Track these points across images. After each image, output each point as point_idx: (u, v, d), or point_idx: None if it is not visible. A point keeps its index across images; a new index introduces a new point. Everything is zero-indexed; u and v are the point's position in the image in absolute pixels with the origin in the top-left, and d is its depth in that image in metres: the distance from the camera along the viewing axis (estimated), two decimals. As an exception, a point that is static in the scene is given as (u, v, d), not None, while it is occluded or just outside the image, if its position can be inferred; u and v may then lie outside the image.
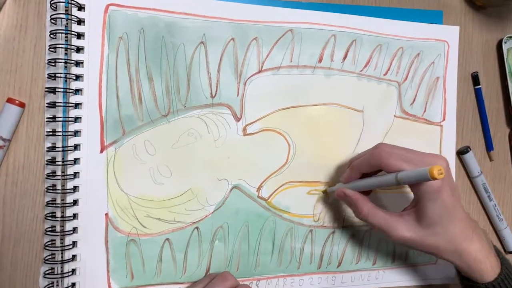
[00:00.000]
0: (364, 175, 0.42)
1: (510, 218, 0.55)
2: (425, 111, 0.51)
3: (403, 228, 0.40)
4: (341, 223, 0.48)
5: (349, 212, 0.48)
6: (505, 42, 0.53)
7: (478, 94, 0.53)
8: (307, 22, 0.46)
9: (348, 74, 0.47)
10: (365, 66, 0.48)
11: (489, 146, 0.54)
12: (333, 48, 0.47)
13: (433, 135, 0.52)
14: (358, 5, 0.49)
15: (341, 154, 0.47)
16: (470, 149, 0.52)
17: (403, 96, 0.50)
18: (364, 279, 0.49)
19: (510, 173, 0.55)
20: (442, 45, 0.52)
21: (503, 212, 0.54)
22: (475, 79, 0.53)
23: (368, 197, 0.42)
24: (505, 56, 0.53)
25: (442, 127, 0.52)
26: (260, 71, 0.45)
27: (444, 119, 0.52)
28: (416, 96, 0.51)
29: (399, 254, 0.50)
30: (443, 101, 0.52)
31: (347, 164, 0.45)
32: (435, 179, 0.33)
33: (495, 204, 0.53)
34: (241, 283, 0.43)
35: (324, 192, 0.47)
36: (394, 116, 0.49)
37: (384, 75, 0.49)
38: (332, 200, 0.47)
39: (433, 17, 0.52)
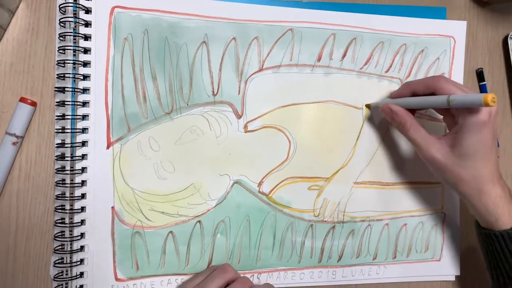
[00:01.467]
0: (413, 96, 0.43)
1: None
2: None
3: (437, 150, 0.40)
4: (341, 218, 0.48)
5: (349, 207, 0.48)
6: (511, 38, 0.53)
7: (483, 90, 0.53)
8: (307, 21, 0.47)
9: (347, 72, 0.48)
10: (365, 64, 0.49)
11: (494, 143, 0.53)
12: (332, 47, 0.47)
13: (437, 132, 0.52)
14: (359, 3, 0.49)
15: (340, 150, 0.48)
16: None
17: (406, 93, 0.50)
18: (365, 273, 0.49)
19: (516, 170, 0.55)
20: (448, 41, 0.51)
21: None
22: (480, 75, 0.53)
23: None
24: (510, 52, 0.53)
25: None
26: (260, 70, 0.46)
27: (448, 116, 0.52)
28: (419, 93, 0.51)
29: (401, 250, 0.50)
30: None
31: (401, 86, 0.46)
32: (488, 105, 0.34)
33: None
34: (242, 275, 0.44)
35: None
36: (396, 113, 0.50)
37: (386, 72, 0.50)
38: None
39: (436, 13, 0.52)
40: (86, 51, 0.42)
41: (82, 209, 0.42)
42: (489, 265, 0.43)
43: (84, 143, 0.42)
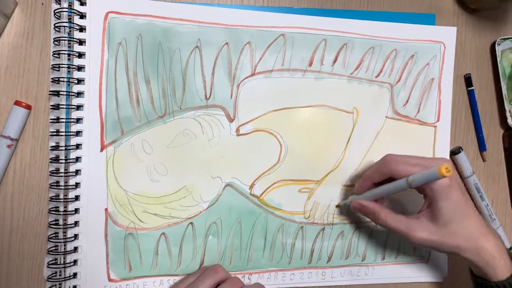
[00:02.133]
0: (375, 186, 0.44)
1: (502, 218, 0.56)
2: (418, 112, 0.52)
3: (422, 230, 0.41)
4: (331, 220, 0.49)
5: (338, 209, 0.49)
6: (499, 44, 0.54)
7: (471, 95, 0.54)
8: (299, 26, 0.48)
9: (338, 77, 0.49)
10: (355, 69, 0.49)
11: (482, 147, 0.55)
12: (323, 52, 0.48)
13: (427, 136, 0.53)
14: (350, 10, 0.50)
15: (331, 154, 0.49)
16: (462, 150, 0.53)
17: (396, 97, 0.51)
18: (354, 274, 0.50)
19: (503, 174, 0.56)
20: (438, 46, 0.52)
21: (495, 212, 0.55)
22: (468, 80, 0.54)
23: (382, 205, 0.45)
24: (498, 58, 0.54)
25: (436, 128, 0.53)
26: (253, 74, 0.47)
27: (438, 120, 0.53)
28: (409, 97, 0.52)
29: (389, 252, 0.51)
30: (437, 102, 0.53)
31: (358, 177, 0.47)
32: (444, 176, 0.35)
33: (487, 204, 0.54)
34: (233, 276, 0.45)
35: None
36: (386, 117, 0.51)
37: (376, 77, 0.50)
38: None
39: (426, 20, 0.53)
40: (81, 55, 0.42)
41: (76, 210, 0.42)
42: None
43: (78, 146, 0.42)
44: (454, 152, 0.53)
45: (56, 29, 0.42)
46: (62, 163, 0.42)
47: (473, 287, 0.45)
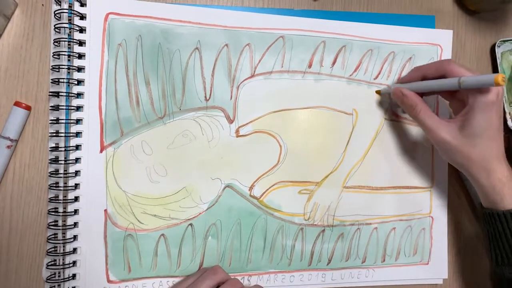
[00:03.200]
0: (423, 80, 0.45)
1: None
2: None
3: (446, 132, 0.42)
4: (331, 222, 0.49)
5: (338, 211, 0.49)
6: (499, 46, 0.54)
7: (470, 97, 0.54)
8: (298, 29, 0.48)
9: (337, 78, 0.49)
10: (354, 71, 0.50)
11: (482, 149, 0.54)
12: (322, 54, 0.48)
13: (426, 137, 0.53)
14: (349, 12, 0.50)
15: (330, 155, 0.49)
16: (462, 151, 0.53)
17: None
18: (354, 276, 0.50)
19: (503, 175, 0.56)
20: (435, 49, 0.53)
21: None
22: (468, 82, 0.54)
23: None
24: (498, 60, 0.54)
25: (435, 130, 0.53)
26: (252, 76, 0.47)
27: (437, 122, 0.53)
28: (409, 99, 0.52)
29: (389, 254, 0.51)
30: (435, 104, 0.53)
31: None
32: (498, 84, 0.36)
33: (487, 205, 0.54)
34: (232, 277, 0.45)
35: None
36: (384, 118, 0.51)
37: (375, 79, 0.51)
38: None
39: (425, 22, 0.53)
40: (81, 56, 0.42)
41: (75, 211, 0.42)
42: (490, 246, 0.44)
43: (77, 147, 0.42)
44: (454, 154, 0.53)
45: (56, 30, 0.42)
46: (61, 164, 0.42)
47: (482, 223, 0.45)
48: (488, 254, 0.45)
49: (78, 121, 0.42)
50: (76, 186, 0.42)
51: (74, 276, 0.42)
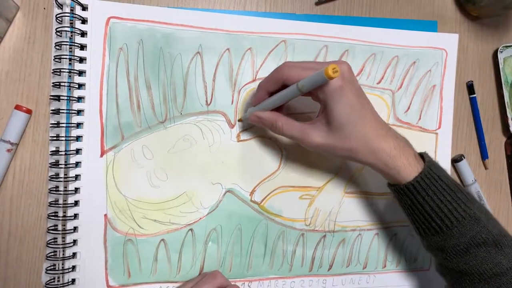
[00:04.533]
0: (271, 95, 0.42)
1: (505, 225, 0.55)
2: (420, 119, 0.52)
3: (316, 135, 0.40)
4: (332, 227, 0.49)
5: (340, 217, 0.49)
6: (501, 52, 0.54)
7: (473, 103, 0.54)
8: (300, 33, 0.48)
9: (339, 83, 0.49)
10: (357, 75, 0.49)
11: (484, 155, 0.54)
12: (324, 59, 0.48)
13: (428, 143, 0.53)
14: (351, 16, 0.50)
15: (331, 160, 0.49)
16: (464, 157, 0.53)
17: (397, 104, 0.51)
18: (355, 282, 0.50)
19: (505, 182, 0.55)
20: (440, 53, 0.52)
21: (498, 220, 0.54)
22: (470, 88, 0.54)
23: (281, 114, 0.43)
24: (500, 66, 0.54)
25: (437, 135, 0.53)
26: (254, 80, 0.47)
27: (439, 127, 0.53)
28: (410, 104, 0.52)
29: (390, 260, 0.51)
30: (439, 109, 0.53)
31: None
32: (331, 78, 0.33)
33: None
34: (232, 283, 0.44)
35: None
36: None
37: (378, 83, 0.50)
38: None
39: (428, 27, 0.53)
40: (82, 60, 0.42)
41: (75, 216, 0.42)
42: (409, 220, 0.43)
43: (78, 151, 0.42)
44: (455, 160, 0.53)
45: (58, 33, 0.42)
46: (61, 168, 0.42)
47: (394, 200, 0.44)
48: (413, 228, 0.44)
49: (78, 125, 0.42)
50: (76, 190, 0.42)
51: (73, 281, 0.42)
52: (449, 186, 0.39)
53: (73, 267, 0.42)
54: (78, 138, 0.42)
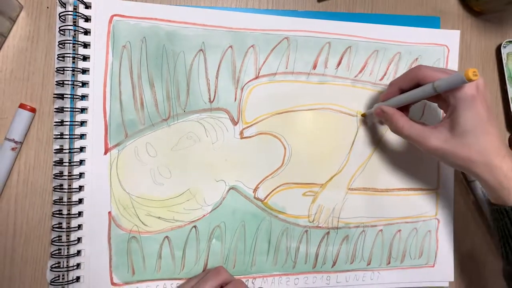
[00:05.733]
0: (401, 93, 0.43)
1: (509, 222, 0.55)
2: (423, 114, 0.52)
3: (436, 138, 0.40)
4: (336, 224, 0.49)
5: (343, 213, 0.49)
6: (504, 47, 0.54)
7: (476, 98, 0.54)
8: (303, 30, 0.47)
9: (342, 80, 0.49)
10: (360, 72, 0.49)
11: (488, 150, 0.54)
12: (327, 55, 0.48)
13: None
14: (354, 13, 0.50)
15: (335, 157, 0.49)
16: (468, 153, 0.52)
17: (400, 100, 0.51)
18: (359, 279, 0.50)
19: (510, 177, 0.55)
20: (442, 50, 0.52)
21: (502, 216, 0.54)
22: (473, 83, 0.53)
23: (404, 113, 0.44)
24: (504, 61, 0.54)
25: (441, 131, 0.53)
26: (257, 77, 0.47)
27: (443, 123, 0.53)
28: (414, 100, 0.52)
29: (395, 256, 0.51)
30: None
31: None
32: (470, 80, 0.34)
33: (493, 208, 0.53)
34: (236, 279, 0.44)
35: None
36: (390, 120, 0.50)
37: (380, 80, 0.50)
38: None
39: (431, 23, 0.53)
40: (85, 58, 0.42)
41: (79, 214, 0.42)
42: (500, 243, 0.43)
43: (82, 149, 0.42)
44: (459, 156, 0.53)
45: (61, 32, 0.42)
46: (66, 166, 0.42)
47: (491, 219, 0.43)
48: (500, 251, 0.43)
49: (82, 123, 0.42)
50: (80, 188, 0.42)
51: (78, 278, 0.42)
52: None
53: (78, 265, 0.42)
54: (82, 136, 0.42)
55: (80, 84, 0.42)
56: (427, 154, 0.42)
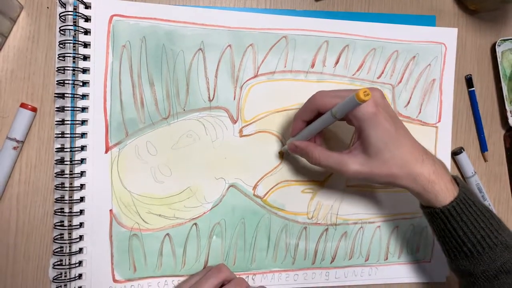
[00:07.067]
0: (308, 124, 0.42)
1: (505, 218, 0.56)
2: (420, 112, 0.53)
3: (354, 163, 0.39)
4: (335, 220, 0.50)
5: (342, 210, 0.50)
6: (499, 45, 0.54)
7: (472, 96, 0.54)
8: (301, 29, 0.48)
9: (340, 78, 0.49)
10: (357, 70, 0.50)
11: (483, 147, 0.55)
12: (325, 54, 0.49)
13: (428, 136, 0.53)
14: (352, 12, 0.51)
15: (333, 154, 0.49)
16: (464, 150, 0.53)
17: (397, 98, 0.52)
18: (357, 275, 0.50)
19: (505, 174, 0.56)
20: (439, 47, 0.53)
21: (498, 212, 0.55)
22: (469, 81, 0.54)
23: (317, 144, 0.43)
24: (499, 59, 0.54)
25: (437, 128, 0.53)
26: (255, 76, 0.47)
27: (439, 121, 0.53)
28: (411, 98, 0.52)
29: (392, 252, 0.51)
30: (439, 103, 0.53)
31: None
32: (362, 101, 0.33)
33: (489, 203, 0.54)
34: (237, 276, 0.45)
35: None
36: (387, 118, 0.51)
37: (378, 78, 0.51)
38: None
39: (426, 21, 0.53)
40: (86, 58, 0.43)
41: (81, 212, 0.43)
42: (439, 241, 0.43)
43: (83, 148, 0.43)
44: (455, 153, 0.54)
45: (61, 32, 0.42)
46: (67, 164, 0.42)
47: (427, 221, 0.44)
48: (442, 250, 0.44)
49: (83, 122, 0.43)
50: (82, 186, 0.43)
51: (80, 276, 0.43)
52: (482, 213, 0.40)
53: (80, 262, 0.43)
54: (83, 135, 0.43)
55: (81, 84, 0.42)
56: (350, 179, 0.41)
